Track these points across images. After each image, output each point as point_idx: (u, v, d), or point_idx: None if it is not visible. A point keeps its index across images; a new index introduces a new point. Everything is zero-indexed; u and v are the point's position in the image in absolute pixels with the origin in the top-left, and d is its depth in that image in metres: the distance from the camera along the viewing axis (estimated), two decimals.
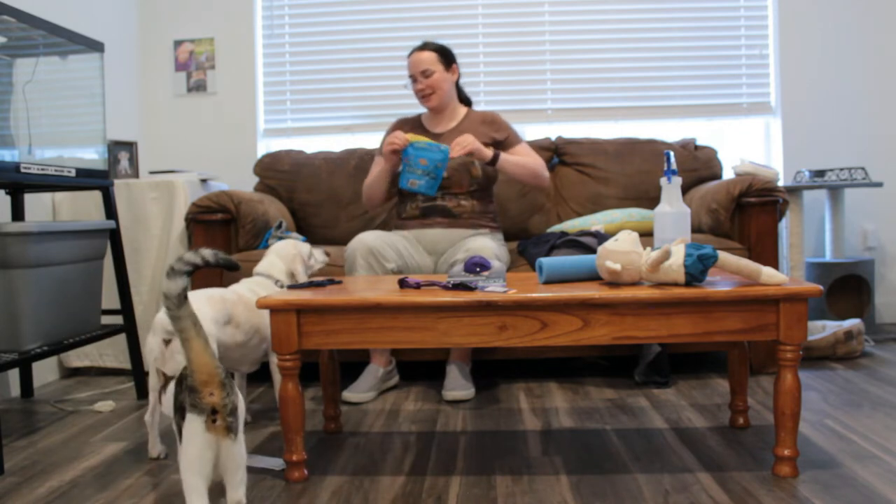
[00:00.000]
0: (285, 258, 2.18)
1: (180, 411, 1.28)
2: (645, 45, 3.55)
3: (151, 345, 1.79)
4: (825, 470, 1.65)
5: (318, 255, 2.27)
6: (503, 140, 2.64)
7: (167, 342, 1.76)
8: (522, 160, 2.59)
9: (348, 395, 2.39)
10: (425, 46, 2.62)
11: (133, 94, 3.56)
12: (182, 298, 1.24)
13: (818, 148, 3.51)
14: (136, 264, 2.85)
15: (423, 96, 2.62)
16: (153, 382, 1.83)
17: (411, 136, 2.47)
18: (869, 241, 3.51)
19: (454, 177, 2.55)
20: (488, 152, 2.50)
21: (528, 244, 2.67)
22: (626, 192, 3.14)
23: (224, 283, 2.59)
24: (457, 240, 2.56)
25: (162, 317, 1.76)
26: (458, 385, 2.38)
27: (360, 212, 3.18)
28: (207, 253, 1.31)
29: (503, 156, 2.53)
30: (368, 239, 2.38)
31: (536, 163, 2.62)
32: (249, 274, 2.16)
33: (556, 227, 2.93)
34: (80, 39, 2.40)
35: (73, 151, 2.42)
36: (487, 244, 2.38)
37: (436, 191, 2.50)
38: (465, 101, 2.77)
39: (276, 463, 1.79)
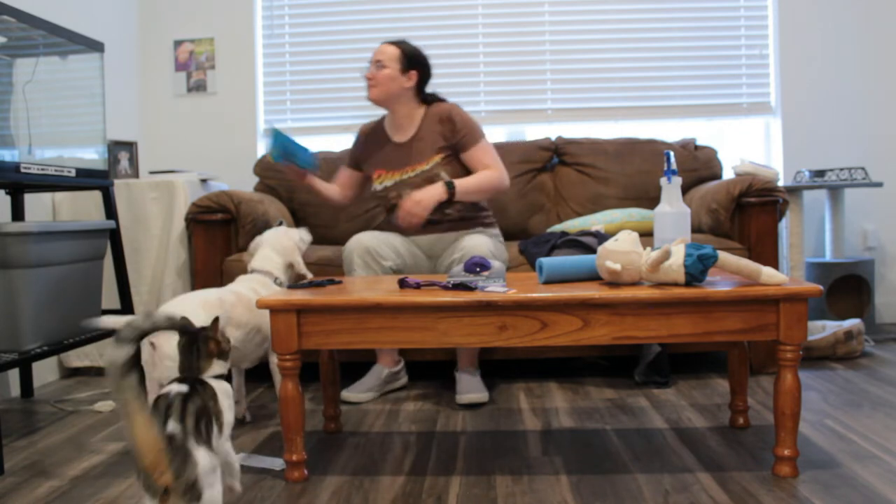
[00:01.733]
0: (282, 252, 2.16)
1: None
2: (645, 45, 3.55)
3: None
4: (825, 470, 1.65)
5: (305, 236, 2.28)
6: (459, 141, 2.48)
7: (153, 345, 1.73)
8: (477, 183, 2.44)
9: (346, 394, 2.39)
10: (396, 42, 2.52)
11: (133, 94, 3.56)
12: (127, 368, 1.12)
13: (818, 148, 3.51)
14: (136, 264, 2.85)
15: (367, 85, 2.51)
16: (147, 385, 1.81)
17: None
18: (869, 241, 3.51)
19: None
20: (439, 195, 2.37)
21: (528, 244, 2.67)
22: (626, 192, 3.14)
23: (222, 284, 2.59)
24: (451, 241, 2.50)
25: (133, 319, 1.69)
26: (472, 388, 2.34)
27: (361, 211, 3.18)
28: (160, 318, 1.19)
29: (458, 189, 2.40)
30: (365, 239, 2.37)
31: (492, 178, 2.45)
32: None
33: (557, 227, 2.93)
34: (80, 39, 2.40)
35: (73, 151, 2.42)
36: (482, 241, 2.34)
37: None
38: (427, 99, 2.59)
39: (276, 463, 1.79)
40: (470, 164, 2.50)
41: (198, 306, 1.80)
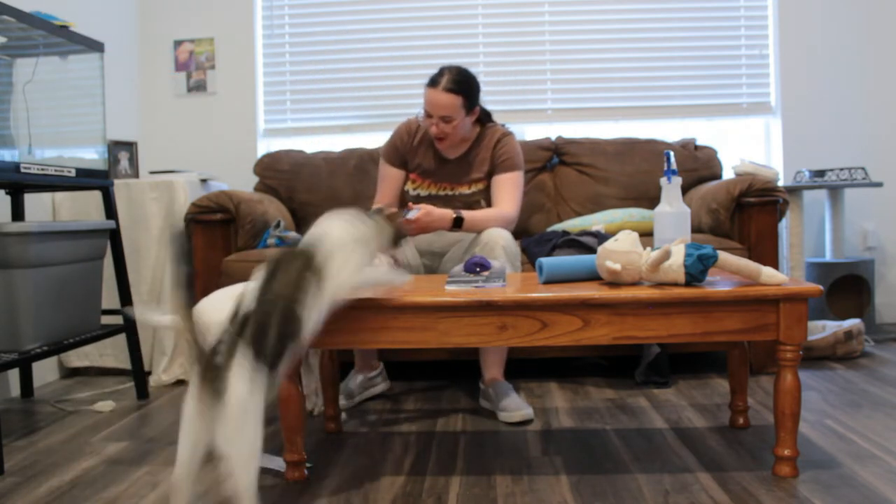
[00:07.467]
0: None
1: None
2: (645, 45, 3.55)
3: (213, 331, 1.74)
4: (825, 470, 1.65)
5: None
6: (498, 163, 2.40)
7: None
8: (484, 220, 2.30)
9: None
10: (448, 86, 2.29)
11: (133, 94, 3.56)
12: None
13: (818, 148, 3.51)
14: (136, 264, 2.85)
15: (436, 138, 2.36)
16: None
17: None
18: (869, 241, 3.51)
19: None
20: (447, 222, 2.25)
21: (530, 242, 2.67)
22: (626, 192, 3.14)
23: (222, 284, 2.59)
24: (454, 239, 2.41)
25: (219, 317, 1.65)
26: (516, 402, 2.16)
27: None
28: None
29: (466, 222, 2.27)
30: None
31: (498, 219, 2.32)
32: None
33: (558, 227, 2.93)
34: (80, 39, 2.40)
35: (73, 151, 2.43)
36: (499, 233, 2.20)
37: None
38: (483, 119, 2.48)
39: (277, 462, 1.79)
40: (492, 188, 2.43)
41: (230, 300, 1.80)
